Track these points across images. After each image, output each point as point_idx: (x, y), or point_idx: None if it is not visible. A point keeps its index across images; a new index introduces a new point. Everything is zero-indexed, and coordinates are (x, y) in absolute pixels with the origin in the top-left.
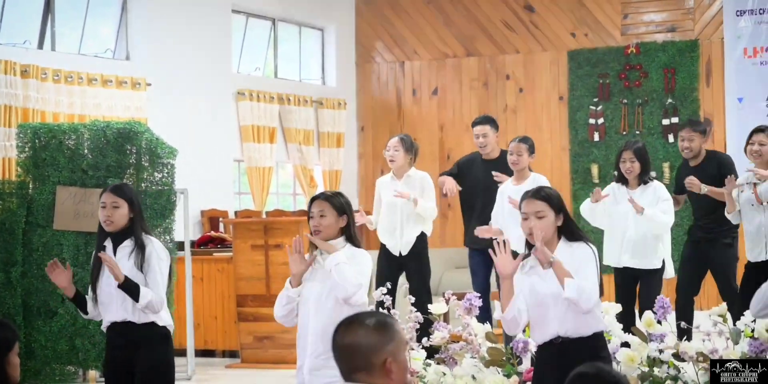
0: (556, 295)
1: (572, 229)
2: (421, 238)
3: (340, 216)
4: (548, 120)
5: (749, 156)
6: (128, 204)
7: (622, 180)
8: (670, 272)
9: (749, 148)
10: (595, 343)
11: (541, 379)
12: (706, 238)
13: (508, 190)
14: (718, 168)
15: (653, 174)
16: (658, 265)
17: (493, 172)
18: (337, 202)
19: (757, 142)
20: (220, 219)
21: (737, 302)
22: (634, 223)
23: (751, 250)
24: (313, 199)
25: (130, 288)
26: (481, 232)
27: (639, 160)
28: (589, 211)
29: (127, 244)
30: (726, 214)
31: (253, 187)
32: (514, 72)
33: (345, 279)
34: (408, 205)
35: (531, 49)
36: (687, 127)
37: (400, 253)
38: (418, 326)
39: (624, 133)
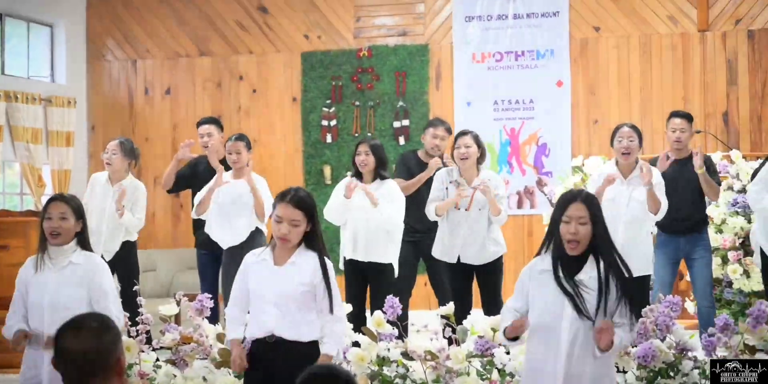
0: (281, 294)
1: (316, 238)
2: (127, 244)
3: (78, 220)
4: (281, 121)
5: (458, 160)
6: None
7: (358, 175)
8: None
9: (456, 152)
10: (310, 351)
11: (254, 376)
12: (429, 236)
13: (225, 185)
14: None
15: (386, 175)
16: (389, 260)
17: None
18: (75, 205)
19: (463, 145)
20: None
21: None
22: (365, 216)
23: (452, 250)
24: (51, 200)
25: None
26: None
27: (374, 154)
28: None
29: None
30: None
31: None
32: (247, 73)
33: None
34: (114, 215)
35: (264, 50)
36: (440, 125)
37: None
38: (149, 328)
39: (356, 134)
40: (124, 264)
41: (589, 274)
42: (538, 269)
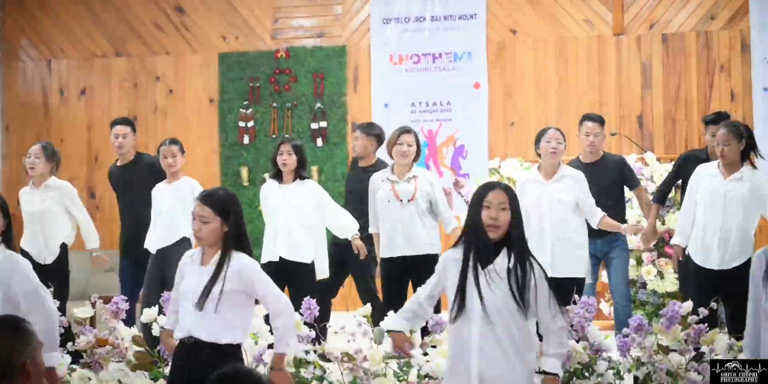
0: (195, 292)
1: (239, 238)
2: (63, 248)
3: (4, 218)
4: (198, 122)
5: (397, 156)
6: None
7: (278, 175)
8: (323, 271)
9: (397, 149)
10: (229, 352)
11: (174, 376)
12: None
13: (159, 190)
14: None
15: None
16: (309, 260)
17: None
18: (2, 203)
19: (406, 143)
20: None
21: (377, 303)
22: (285, 215)
23: (387, 246)
24: None
25: None
26: None
27: (296, 154)
28: None
29: None
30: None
31: None
32: (164, 73)
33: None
34: (47, 215)
35: (181, 51)
36: (355, 128)
37: (45, 260)
38: (62, 330)
39: (274, 136)
40: (64, 267)
41: (501, 265)
42: (451, 258)
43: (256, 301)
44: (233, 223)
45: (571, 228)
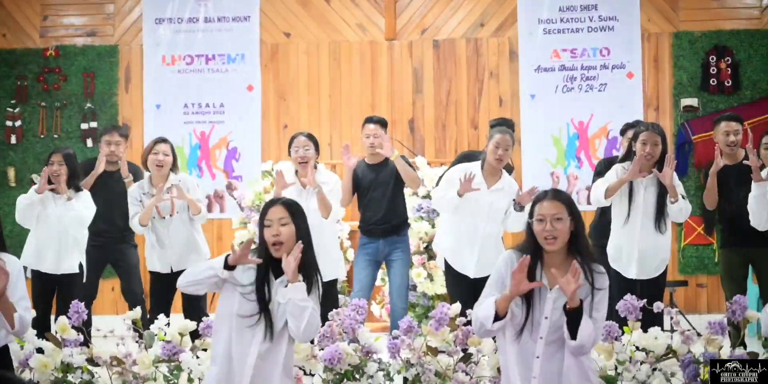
0: None
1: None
2: None
3: None
4: None
5: (152, 166)
6: None
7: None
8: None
9: (152, 158)
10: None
11: None
12: (113, 240)
13: None
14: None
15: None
16: (78, 269)
17: None
18: None
19: (162, 152)
20: None
21: (143, 304)
22: (56, 228)
23: (150, 260)
24: None
25: None
26: None
27: (67, 164)
28: None
29: None
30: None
31: None
32: None
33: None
34: None
35: None
36: (113, 131)
37: None
38: None
39: (42, 136)
40: None
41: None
42: (237, 275)
43: None
44: None
45: (325, 232)
